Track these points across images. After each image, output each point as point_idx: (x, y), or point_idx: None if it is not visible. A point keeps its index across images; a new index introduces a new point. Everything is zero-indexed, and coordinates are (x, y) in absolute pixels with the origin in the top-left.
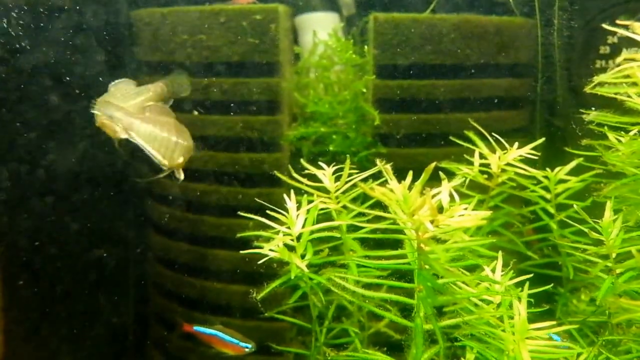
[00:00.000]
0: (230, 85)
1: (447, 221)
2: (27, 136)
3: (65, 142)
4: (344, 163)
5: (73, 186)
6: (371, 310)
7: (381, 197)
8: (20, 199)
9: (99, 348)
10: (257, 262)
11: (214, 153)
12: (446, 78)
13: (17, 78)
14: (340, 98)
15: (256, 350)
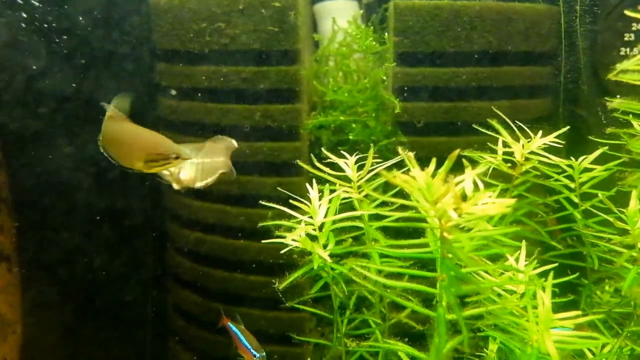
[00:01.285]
0: (249, 74)
1: (471, 209)
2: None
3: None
4: (364, 152)
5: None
6: (392, 301)
7: (404, 185)
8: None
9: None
10: (276, 252)
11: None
12: (468, 66)
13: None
14: (359, 86)
15: (276, 341)
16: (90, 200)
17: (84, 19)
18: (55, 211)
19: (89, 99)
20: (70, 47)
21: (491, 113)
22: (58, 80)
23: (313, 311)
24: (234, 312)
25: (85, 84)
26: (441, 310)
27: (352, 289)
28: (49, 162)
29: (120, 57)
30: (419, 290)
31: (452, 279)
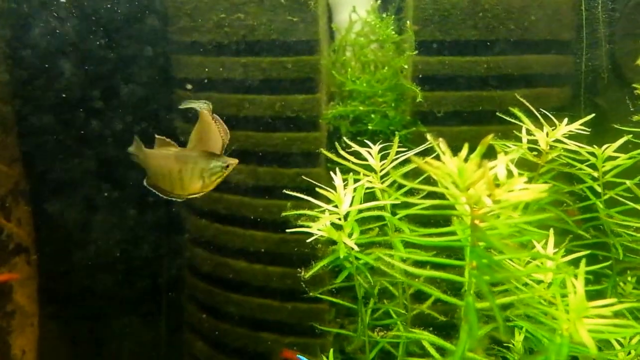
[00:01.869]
0: (269, 64)
1: (505, 195)
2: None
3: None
4: (382, 142)
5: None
6: (414, 292)
7: (434, 172)
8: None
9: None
10: (295, 243)
11: (252, 132)
12: (488, 54)
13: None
14: (378, 76)
15: (297, 332)
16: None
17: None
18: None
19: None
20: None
21: (512, 102)
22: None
23: (336, 302)
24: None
25: (100, 81)
26: (470, 298)
27: (376, 279)
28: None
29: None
30: (444, 280)
31: (483, 266)
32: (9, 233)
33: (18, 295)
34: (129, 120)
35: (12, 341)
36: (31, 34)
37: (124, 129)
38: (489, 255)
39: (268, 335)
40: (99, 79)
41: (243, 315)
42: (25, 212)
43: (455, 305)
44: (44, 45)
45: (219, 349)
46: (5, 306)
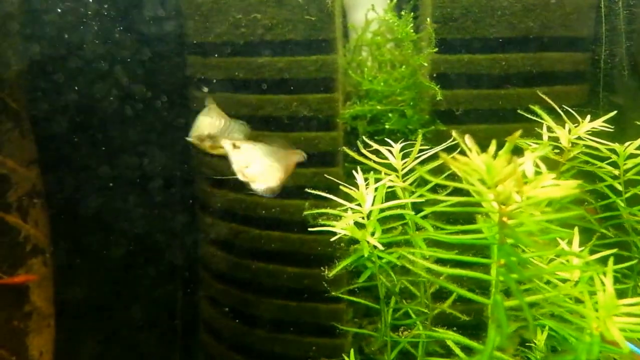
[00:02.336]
0: (286, 64)
1: (534, 192)
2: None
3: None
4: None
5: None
6: (434, 292)
7: (462, 168)
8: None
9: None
10: (313, 243)
11: (269, 133)
12: (507, 52)
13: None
14: (396, 75)
15: (315, 332)
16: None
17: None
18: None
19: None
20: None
21: (530, 100)
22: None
23: (357, 301)
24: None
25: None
26: (498, 296)
27: (397, 278)
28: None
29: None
30: (467, 279)
31: (512, 264)
32: (26, 234)
33: (35, 296)
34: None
35: (29, 342)
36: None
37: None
38: (518, 253)
39: (286, 336)
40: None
41: (260, 316)
42: (41, 213)
43: (476, 305)
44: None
45: (236, 350)
46: (22, 307)
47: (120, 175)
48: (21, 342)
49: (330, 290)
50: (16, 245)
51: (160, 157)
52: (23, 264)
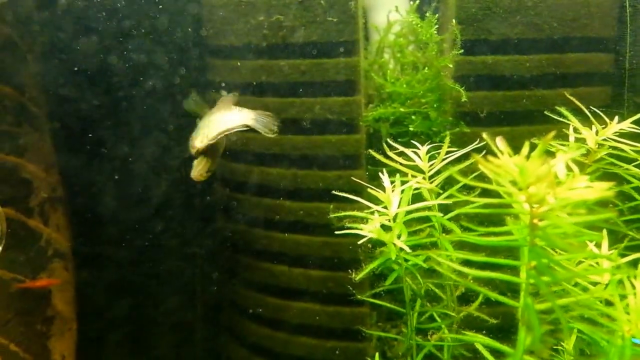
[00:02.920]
0: (308, 66)
1: (567, 194)
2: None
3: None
4: (423, 144)
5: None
6: (460, 295)
7: (494, 169)
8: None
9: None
10: (337, 247)
11: (291, 135)
12: (531, 53)
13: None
14: (419, 77)
15: (338, 336)
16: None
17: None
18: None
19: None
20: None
21: (554, 101)
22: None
23: (382, 304)
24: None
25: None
26: (529, 299)
27: (424, 281)
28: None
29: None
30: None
31: (543, 266)
32: (48, 238)
33: (57, 300)
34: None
35: (51, 346)
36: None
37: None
38: (550, 255)
39: (308, 340)
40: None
41: (283, 319)
42: (62, 218)
43: (500, 308)
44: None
45: (258, 353)
46: (45, 311)
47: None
48: (44, 346)
49: (355, 293)
50: (38, 249)
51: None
52: (45, 268)
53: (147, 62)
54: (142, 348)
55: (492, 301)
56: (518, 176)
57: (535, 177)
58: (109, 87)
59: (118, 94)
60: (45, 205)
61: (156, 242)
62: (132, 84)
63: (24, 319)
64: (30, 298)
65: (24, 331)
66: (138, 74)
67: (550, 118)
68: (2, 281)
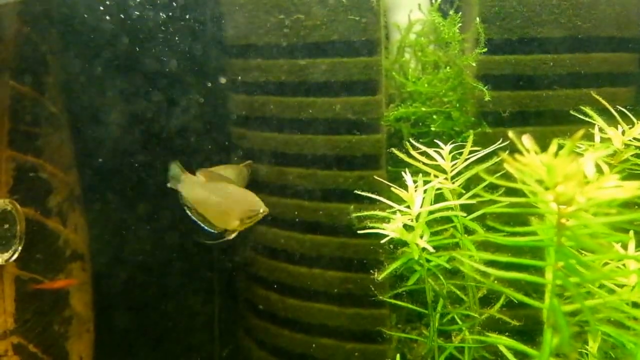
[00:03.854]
0: (329, 66)
1: (596, 194)
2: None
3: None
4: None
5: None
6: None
7: (522, 168)
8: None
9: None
10: (356, 248)
11: (312, 136)
12: (555, 52)
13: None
14: (441, 76)
15: (357, 338)
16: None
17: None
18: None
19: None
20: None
21: (578, 101)
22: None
23: (402, 307)
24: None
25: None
26: (555, 300)
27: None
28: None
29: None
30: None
31: (571, 267)
32: (66, 239)
33: (75, 301)
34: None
35: (69, 347)
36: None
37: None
38: (577, 256)
39: (327, 341)
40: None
41: (302, 320)
42: (80, 218)
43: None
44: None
45: (277, 355)
46: (62, 312)
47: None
48: (61, 347)
49: (373, 295)
50: (56, 250)
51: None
52: (62, 269)
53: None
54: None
55: (514, 304)
56: (546, 175)
57: (563, 176)
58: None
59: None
60: (63, 206)
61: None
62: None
63: (42, 319)
64: (48, 299)
65: (42, 332)
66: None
67: (574, 118)
68: (21, 281)
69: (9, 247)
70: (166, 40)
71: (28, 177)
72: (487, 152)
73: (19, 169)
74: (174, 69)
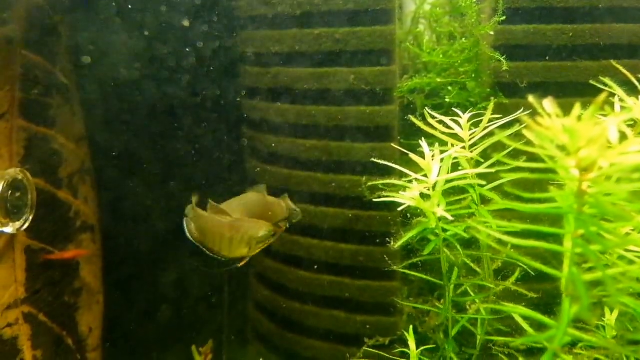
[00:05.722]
0: (343, 35)
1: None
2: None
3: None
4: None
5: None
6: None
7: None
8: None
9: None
10: (368, 220)
11: (324, 107)
12: (574, 22)
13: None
14: (457, 47)
15: (368, 310)
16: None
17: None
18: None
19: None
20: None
21: (598, 73)
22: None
23: (414, 279)
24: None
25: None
26: (575, 269)
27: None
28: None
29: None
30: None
31: (592, 235)
32: (77, 210)
33: (85, 273)
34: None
35: (79, 318)
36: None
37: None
38: (600, 223)
39: (338, 313)
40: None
41: (313, 293)
42: (91, 191)
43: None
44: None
45: (287, 327)
46: (72, 283)
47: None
48: (71, 317)
49: (390, 264)
50: (66, 221)
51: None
52: (73, 240)
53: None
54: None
55: (529, 278)
56: (568, 139)
57: (586, 140)
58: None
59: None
60: (74, 178)
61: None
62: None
63: (52, 289)
64: (58, 269)
65: (52, 302)
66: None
67: (594, 90)
68: (31, 251)
69: (20, 216)
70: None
71: (39, 147)
72: (505, 122)
73: (30, 140)
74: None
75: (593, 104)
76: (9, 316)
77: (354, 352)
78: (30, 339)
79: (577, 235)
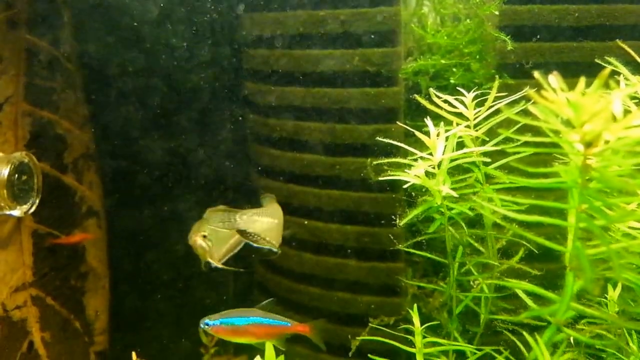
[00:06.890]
0: (348, 16)
1: (624, 133)
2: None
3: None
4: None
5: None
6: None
7: (547, 105)
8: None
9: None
10: (373, 202)
11: (329, 89)
12: (579, 3)
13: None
14: (461, 28)
15: (373, 291)
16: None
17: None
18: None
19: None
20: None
21: (604, 53)
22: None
23: (419, 259)
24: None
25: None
26: (579, 243)
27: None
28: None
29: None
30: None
31: (596, 209)
32: (82, 195)
33: (90, 257)
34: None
35: (85, 301)
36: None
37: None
38: (603, 197)
39: (344, 295)
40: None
41: (318, 275)
42: (95, 176)
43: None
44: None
45: (293, 309)
46: (78, 267)
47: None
48: (78, 301)
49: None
50: (72, 206)
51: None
52: (79, 225)
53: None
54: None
55: (532, 257)
56: (572, 113)
57: (591, 113)
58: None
59: None
60: (79, 163)
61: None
62: None
63: (59, 273)
64: (65, 254)
65: (60, 285)
66: None
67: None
68: (38, 235)
69: (27, 199)
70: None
71: (44, 132)
72: (510, 102)
73: (35, 124)
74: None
75: (597, 77)
76: (17, 298)
77: (359, 333)
78: (39, 321)
79: (581, 209)
